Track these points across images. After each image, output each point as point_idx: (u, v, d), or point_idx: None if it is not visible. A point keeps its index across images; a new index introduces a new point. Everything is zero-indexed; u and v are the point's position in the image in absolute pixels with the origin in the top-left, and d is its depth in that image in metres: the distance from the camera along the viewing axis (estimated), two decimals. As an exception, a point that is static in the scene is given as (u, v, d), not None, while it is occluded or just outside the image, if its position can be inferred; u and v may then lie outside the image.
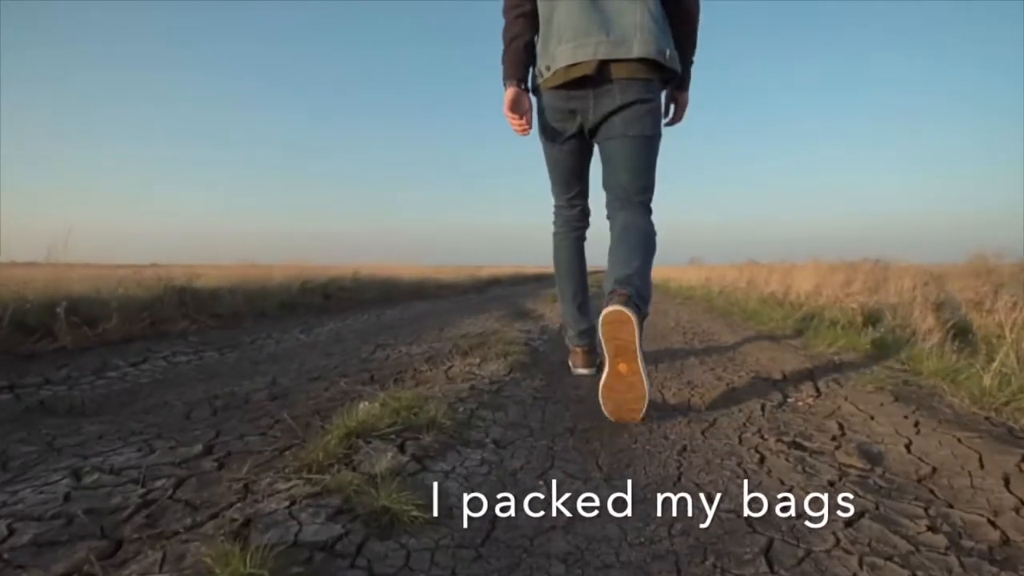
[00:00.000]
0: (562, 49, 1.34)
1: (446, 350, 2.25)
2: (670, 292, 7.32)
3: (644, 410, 1.18)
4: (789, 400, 1.38)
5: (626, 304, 1.14)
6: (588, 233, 1.68)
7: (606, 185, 1.48)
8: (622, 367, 1.15)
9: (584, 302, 1.69)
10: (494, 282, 9.61)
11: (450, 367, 1.79)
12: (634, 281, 1.23)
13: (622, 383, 1.17)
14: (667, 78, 1.40)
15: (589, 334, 1.68)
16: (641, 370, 1.15)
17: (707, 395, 1.47)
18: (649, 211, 1.46)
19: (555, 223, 1.67)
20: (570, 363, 1.78)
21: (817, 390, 1.45)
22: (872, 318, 2.86)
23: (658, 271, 13.13)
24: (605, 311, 1.14)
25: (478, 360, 1.86)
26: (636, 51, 1.30)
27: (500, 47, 1.46)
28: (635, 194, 1.43)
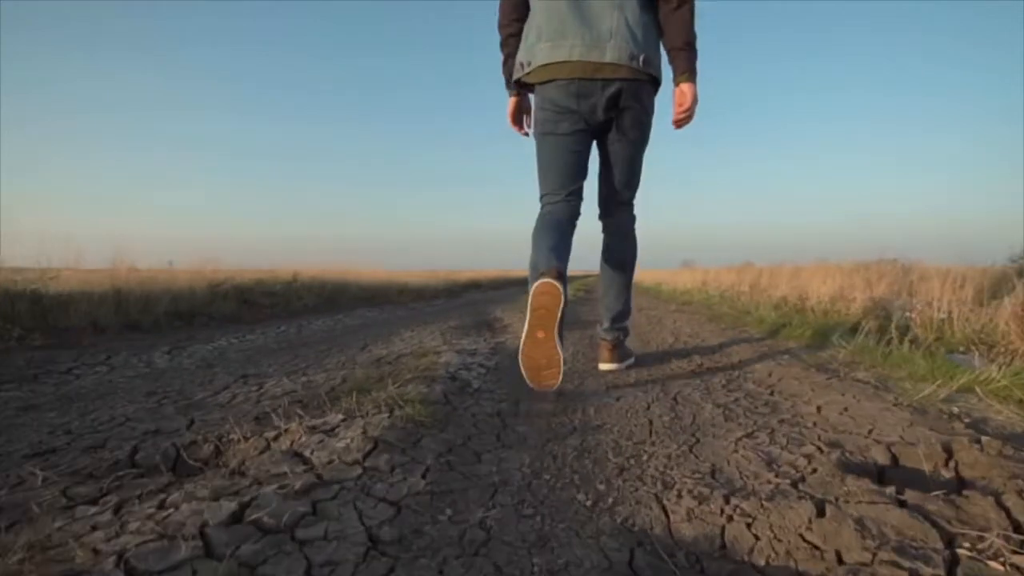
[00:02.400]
0: (541, 47, 1.38)
1: (327, 387, 1.45)
2: (663, 297, 6.54)
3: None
4: (962, 548, 0.59)
5: (614, 351, 1.69)
6: (577, 235, 1.54)
7: (603, 182, 1.59)
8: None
9: (564, 254, 1.41)
10: (472, 286, 8.78)
11: (278, 435, 0.98)
12: (623, 317, 1.67)
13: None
14: (655, 80, 1.43)
15: (560, 272, 1.28)
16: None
17: (761, 518, 0.67)
18: (633, 201, 1.64)
19: (540, 216, 1.52)
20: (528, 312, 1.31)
21: (1004, 512, 0.66)
22: (937, 332, 2.10)
23: (650, 274, 12.38)
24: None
25: (340, 418, 1.05)
26: (609, 55, 1.33)
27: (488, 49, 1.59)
28: (628, 190, 1.59)
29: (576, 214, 1.53)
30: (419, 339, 2.49)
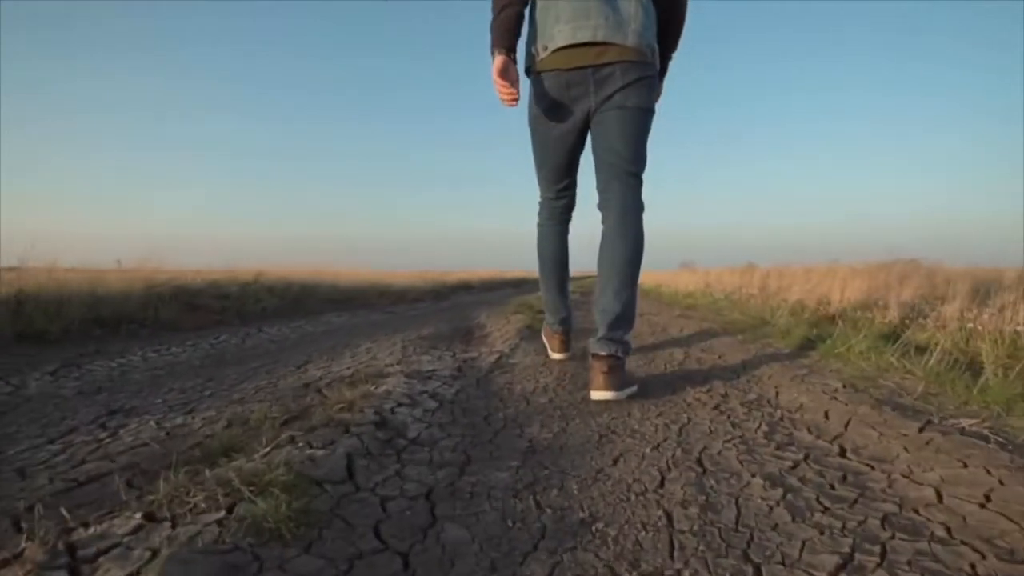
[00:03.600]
0: (560, 29, 1.33)
1: (194, 440, 1.01)
2: (664, 299, 6.10)
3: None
4: None
5: (610, 374, 1.25)
6: (573, 235, 1.66)
7: (600, 156, 1.41)
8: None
9: (566, 290, 1.69)
10: (462, 287, 8.33)
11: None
12: (623, 325, 1.30)
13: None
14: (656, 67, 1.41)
15: (569, 321, 1.75)
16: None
17: None
18: (640, 183, 1.39)
19: (540, 214, 1.64)
20: (545, 340, 1.87)
21: None
22: (1009, 349, 1.66)
23: (650, 276, 11.95)
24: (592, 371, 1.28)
25: (135, 523, 0.61)
26: (631, 40, 1.30)
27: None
28: (630, 163, 1.36)
29: (569, 215, 1.64)
30: (374, 354, 2.05)
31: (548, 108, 1.40)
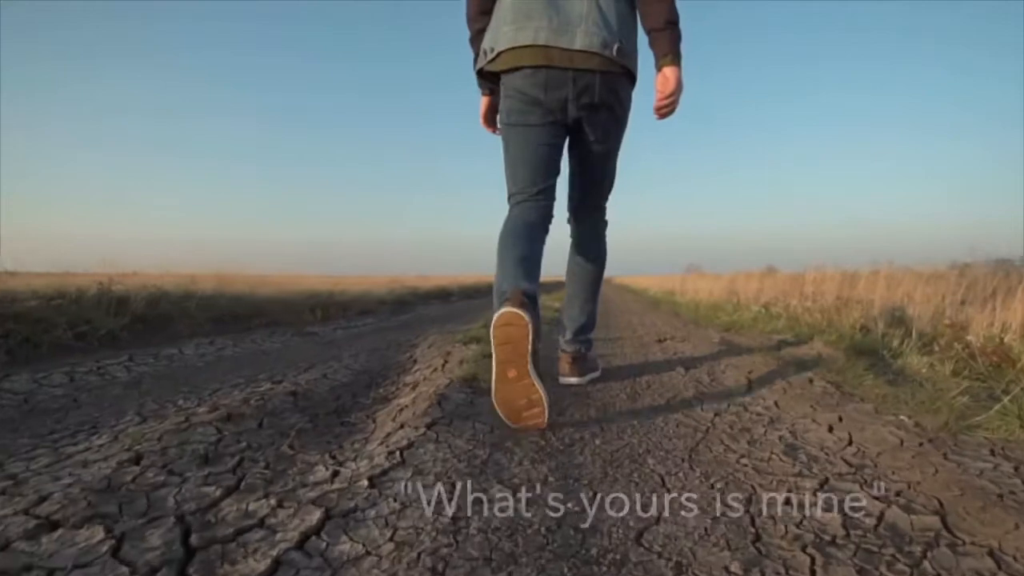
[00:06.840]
0: (504, 31, 1.27)
1: None
2: (684, 313, 4.81)
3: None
4: None
5: (575, 364, 1.50)
6: (551, 239, 1.39)
7: (574, 186, 1.47)
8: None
9: (534, 268, 1.20)
10: (437, 295, 7.05)
11: None
12: (588, 328, 1.52)
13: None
14: (631, 74, 1.30)
15: (533, 303, 1.08)
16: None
17: None
18: (605, 211, 1.51)
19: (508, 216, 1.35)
20: (497, 405, 1.11)
21: None
22: None
23: (656, 281, 10.73)
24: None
25: None
26: (578, 42, 1.21)
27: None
28: (599, 197, 1.48)
29: (548, 216, 1.35)
30: (42, 493, 0.78)
31: (528, 104, 1.25)
